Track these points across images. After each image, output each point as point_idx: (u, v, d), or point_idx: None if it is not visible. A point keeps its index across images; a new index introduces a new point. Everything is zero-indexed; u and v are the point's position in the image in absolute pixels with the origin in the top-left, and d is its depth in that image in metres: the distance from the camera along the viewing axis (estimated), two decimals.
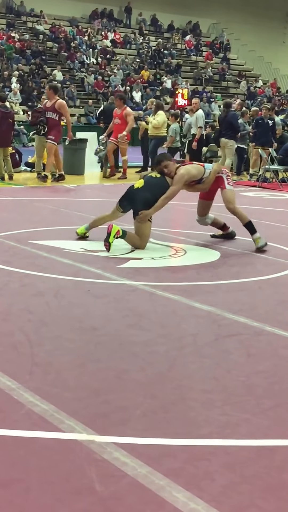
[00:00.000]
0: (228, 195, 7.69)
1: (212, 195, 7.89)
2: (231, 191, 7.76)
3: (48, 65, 32.72)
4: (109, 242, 7.02)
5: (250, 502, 2.58)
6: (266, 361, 4.13)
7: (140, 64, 36.25)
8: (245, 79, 39.84)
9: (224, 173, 7.77)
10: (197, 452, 2.97)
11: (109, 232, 7.02)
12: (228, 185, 7.72)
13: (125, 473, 2.73)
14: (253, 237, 7.54)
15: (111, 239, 7.02)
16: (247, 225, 7.61)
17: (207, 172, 7.59)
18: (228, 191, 7.70)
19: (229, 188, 7.72)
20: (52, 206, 10.48)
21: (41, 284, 5.73)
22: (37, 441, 2.99)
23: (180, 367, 3.97)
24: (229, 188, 7.72)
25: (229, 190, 7.72)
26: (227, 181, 7.72)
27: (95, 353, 4.12)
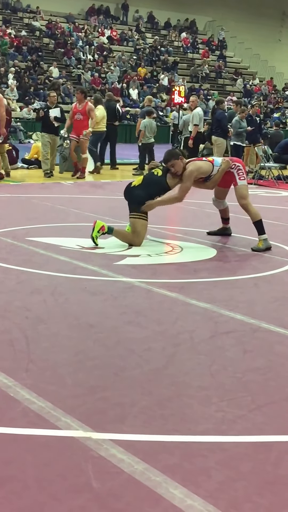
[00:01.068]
0: (241, 191, 7.57)
1: (229, 184, 7.77)
2: (244, 187, 7.60)
3: (44, 62, 32.68)
4: (92, 237, 7.08)
5: (246, 498, 2.59)
6: (262, 357, 4.15)
7: (137, 61, 36.24)
8: (242, 77, 39.85)
9: (235, 167, 7.60)
10: (193, 449, 2.97)
11: (93, 227, 7.07)
12: (240, 180, 7.56)
13: (121, 469, 2.74)
14: (259, 237, 7.48)
15: (95, 234, 7.08)
16: (257, 223, 7.52)
17: (215, 169, 7.51)
18: (240, 187, 7.57)
19: (241, 184, 7.57)
20: (49, 203, 10.48)
21: (38, 281, 5.73)
22: (34, 439, 3.00)
23: (176, 364, 3.98)
24: (241, 183, 7.57)
25: (242, 186, 7.57)
26: (239, 176, 7.56)
27: (92, 350, 4.13)
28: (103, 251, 7.01)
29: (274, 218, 10.11)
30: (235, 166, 7.63)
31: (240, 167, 7.66)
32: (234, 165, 7.65)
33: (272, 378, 3.82)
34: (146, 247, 7.37)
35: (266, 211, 10.86)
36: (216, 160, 7.68)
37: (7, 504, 2.49)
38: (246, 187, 7.66)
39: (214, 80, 39.13)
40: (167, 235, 8.21)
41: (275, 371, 3.93)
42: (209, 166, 7.51)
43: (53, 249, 6.97)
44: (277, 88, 41.26)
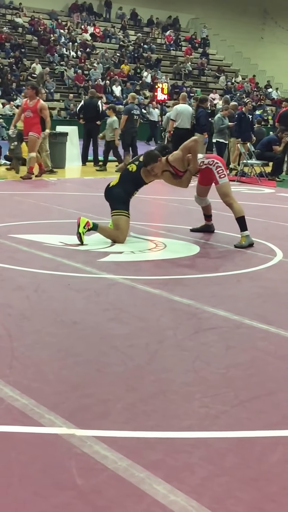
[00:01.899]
0: (223, 190, 7.58)
1: (210, 181, 7.78)
2: (225, 184, 7.59)
3: (27, 58, 32.55)
4: (79, 233, 7.08)
5: (230, 494, 2.60)
6: (245, 353, 4.16)
7: (120, 58, 36.19)
8: (224, 74, 39.93)
9: (213, 164, 7.60)
10: (177, 445, 2.98)
11: (78, 224, 7.08)
12: (221, 178, 7.57)
13: (105, 466, 2.74)
14: (242, 234, 7.49)
15: (81, 230, 7.09)
16: (240, 219, 7.53)
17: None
18: (222, 186, 7.58)
19: (222, 182, 7.57)
20: (32, 200, 10.44)
21: (21, 278, 5.71)
22: (17, 436, 2.99)
23: (160, 360, 3.98)
24: (222, 182, 7.57)
25: (223, 184, 7.58)
26: (219, 175, 7.56)
27: (75, 347, 4.12)
28: (87, 248, 7.00)
29: (257, 215, 10.15)
30: (213, 163, 7.62)
31: (219, 164, 7.66)
32: (213, 161, 7.64)
33: (255, 373, 3.83)
34: (129, 244, 7.37)
35: (248, 208, 10.89)
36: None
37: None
38: (227, 184, 7.65)
39: (197, 78, 39.17)
40: (150, 232, 8.22)
41: (258, 366, 3.95)
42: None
43: (36, 246, 6.95)
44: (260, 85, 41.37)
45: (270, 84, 41.73)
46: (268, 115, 35.31)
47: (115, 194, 7.41)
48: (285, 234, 8.67)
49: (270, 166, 16.48)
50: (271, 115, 35.91)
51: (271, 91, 40.79)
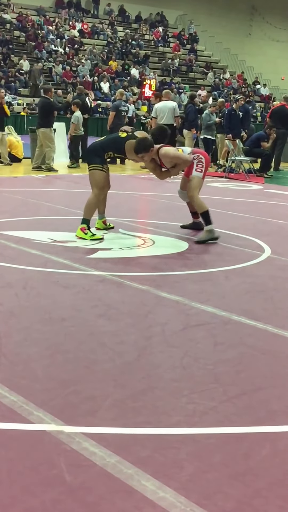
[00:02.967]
0: (192, 182, 7.61)
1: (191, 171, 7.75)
2: (196, 178, 7.61)
3: (15, 55, 32.41)
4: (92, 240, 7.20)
5: (218, 489, 2.61)
6: (233, 349, 4.18)
7: (108, 55, 36.12)
8: (212, 71, 39.94)
9: (197, 158, 7.62)
10: (165, 441, 2.99)
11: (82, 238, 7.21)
12: (196, 171, 7.60)
13: (94, 462, 2.74)
14: (205, 228, 7.52)
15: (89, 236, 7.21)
16: (203, 214, 7.53)
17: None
18: (193, 178, 7.60)
19: (195, 175, 7.60)
20: (21, 197, 10.42)
21: (9, 275, 5.70)
22: (6, 433, 2.99)
23: (148, 356, 3.99)
24: (195, 174, 7.60)
25: (194, 177, 7.60)
26: (196, 167, 7.59)
27: (63, 344, 4.12)
28: (75, 245, 7.00)
29: (245, 211, 10.18)
30: (197, 157, 7.65)
31: (202, 160, 7.66)
32: (197, 156, 7.67)
33: (243, 369, 3.85)
34: (118, 240, 7.38)
35: (237, 204, 10.93)
36: (184, 151, 7.72)
37: None
38: (198, 179, 7.64)
39: (185, 74, 39.16)
40: (139, 228, 8.22)
41: (246, 362, 3.97)
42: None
43: (25, 242, 6.94)
44: (248, 82, 41.42)
45: (258, 80, 41.77)
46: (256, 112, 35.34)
47: (93, 146, 7.49)
48: (273, 230, 8.70)
49: (259, 163, 16.51)
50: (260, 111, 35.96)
51: (259, 88, 40.84)
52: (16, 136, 16.61)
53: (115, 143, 7.42)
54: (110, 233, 7.74)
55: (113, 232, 7.78)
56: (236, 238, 7.86)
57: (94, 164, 7.37)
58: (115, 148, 7.39)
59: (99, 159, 7.35)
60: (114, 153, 7.46)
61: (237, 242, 7.59)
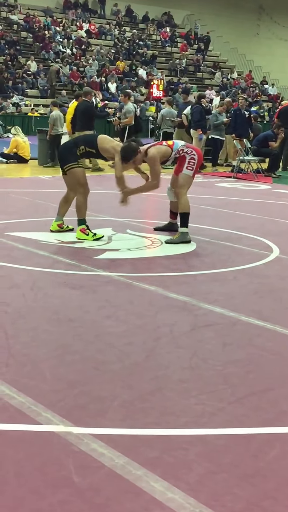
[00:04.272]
0: (181, 180, 7.52)
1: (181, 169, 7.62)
2: (186, 177, 7.49)
3: (22, 56, 32.46)
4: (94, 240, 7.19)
5: (227, 490, 2.60)
6: (242, 350, 4.16)
7: (116, 55, 36.12)
8: (220, 71, 39.89)
9: (190, 153, 7.50)
10: (174, 442, 2.98)
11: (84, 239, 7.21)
12: (187, 169, 7.48)
13: (102, 464, 2.74)
14: (180, 229, 7.44)
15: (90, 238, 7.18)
16: (183, 215, 7.46)
17: (173, 154, 7.45)
18: (183, 176, 7.49)
19: (185, 173, 7.49)
20: (28, 198, 10.43)
21: (17, 276, 5.71)
22: (14, 434, 2.99)
23: (157, 357, 3.98)
24: (185, 172, 7.48)
25: (184, 175, 7.49)
26: (187, 165, 7.46)
27: (71, 345, 4.12)
28: (83, 245, 7.00)
29: (253, 211, 10.16)
30: (190, 152, 7.51)
31: (195, 157, 7.51)
32: (191, 151, 7.53)
33: (251, 370, 3.84)
34: (125, 241, 7.37)
35: (245, 204, 10.91)
36: (176, 144, 7.59)
37: None
38: (188, 177, 7.54)
39: (193, 74, 39.12)
40: (146, 229, 8.21)
41: (255, 363, 3.95)
42: (168, 150, 7.45)
43: (32, 243, 6.94)
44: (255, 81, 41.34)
45: (266, 80, 41.69)
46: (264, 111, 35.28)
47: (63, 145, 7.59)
48: (281, 230, 8.67)
49: (267, 162, 16.47)
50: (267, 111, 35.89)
51: (267, 87, 40.76)
52: (23, 136, 16.63)
53: (87, 137, 7.51)
54: (118, 233, 7.73)
55: (121, 233, 7.77)
56: (245, 238, 7.84)
57: (69, 163, 7.28)
58: (87, 141, 7.33)
59: (72, 157, 7.27)
60: (85, 147, 7.28)
61: (245, 242, 7.57)
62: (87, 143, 7.29)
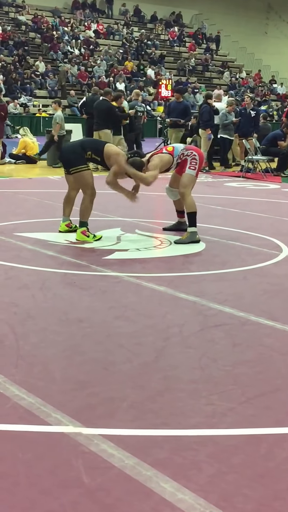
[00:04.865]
0: (184, 180, 7.50)
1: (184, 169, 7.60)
2: (189, 176, 7.48)
3: (31, 56, 32.51)
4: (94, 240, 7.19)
5: (237, 491, 2.59)
6: (251, 350, 4.15)
7: (124, 55, 36.13)
8: (228, 70, 39.83)
9: (191, 155, 7.49)
10: (184, 442, 2.97)
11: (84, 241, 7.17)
12: (189, 169, 7.47)
13: (112, 464, 2.73)
14: (188, 229, 7.42)
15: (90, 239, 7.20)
16: (190, 214, 7.45)
17: (175, 161, 7.46)
18: (186, 175, 7.48)
19: (188, 173, 7.47)
20: (37, 198, 10.45)
21: (26, 276, 5.71)
22: (24, 435, 2.99)
23: (166, 357, 3.97)
24: (188, 172, 7.47)
25: (187, 175, 7.48)
26: (189, 165, 7.46)
27: (81, 345, 4.12)
28: (92, 246, 7.00)
29: (262, 210, 10.13)
30: (191, 154, 7.51)
31: (196, 157, 7.50)
32: (191, 153, 7.53)
33: (261, 370, 3.82)
34: (135, 241, 7.37)
35: (254, 204, 10.88)
36: (176, 149, 7.57)
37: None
38: (191, 177, 7.52)
39: (201, 73, 39.07)
40: (155, 229, 8.20)
41: (265, 363, 3.94)
42: (169, 158, 7.46)
43: (41, 244, 6.95)
44: (264, 80, 41.25)
45: (274, 79, 41.58)
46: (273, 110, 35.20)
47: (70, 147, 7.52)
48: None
49: (276, 162, 16.43)
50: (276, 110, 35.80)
51: (276, 86, 40.66)
52: (31, 137, 16.65)
53: (95, 143, 7.53)
54: (126, 234, 7.73)
55: (130, 233, 7.77)
56: (254, 238, 7.82)
57: (78, 166, 7.26)
58: (94, 148, 7.32)
59: (81, 159, 7.27)
60: (92, 154, 7.29)
61: (254, 242, 7.55)
62: (94, 150, 7.30)
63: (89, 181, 7.32)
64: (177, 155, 7.48)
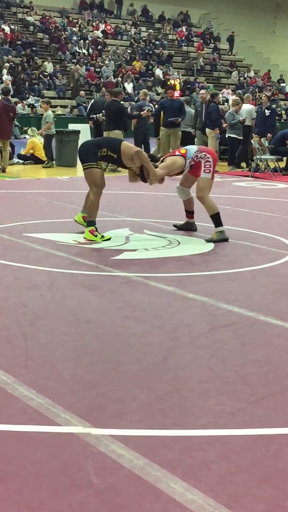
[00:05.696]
0: (200, 183, 7.53)
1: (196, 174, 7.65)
2: (205, 180, 7.52)
3: (39, 57, 32.56)
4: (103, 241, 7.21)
5: (247, 491, 2.59)
6: (260, 350, 4.14)
7: (132, 55, 36.13)
8: (237, 69, 39.76)
9: (204, 157, 7.51)
10: (193, 443, 2.97)
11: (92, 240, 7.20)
12: (204, 172, 7.50)
13: (121, 465, 2.73)
14: (216, 229, 7.45)
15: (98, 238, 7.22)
16: (214, 216, 7.48)
17: (187, 162, 7.48)
18: (201, 180, 7.52)
19: (203, 176, 7.50)
20: (45, 199, 10.46)
21: (35, 277, 5.72)
22: (33, 435, 2.99)
23: (175, 358, 3.97)
24: (203, 176, 7.50)
25: (203, 179, 7.51)
26: (204, 169, 7.48)
27: (90, 346, 4.12)
28: (100, 246, 7.00)
29: (271, 210, 10.11)
30: (204, 157, 7.52)
31: (210, 159, 7.52)
32: (204, 155, 7.53)
33: (270, 370, 3.81)
34: (143, 241, 7.37)
35: (262, 203, 10.86)
36: (189, 152, 7.58)
37: (7, 501, 2.48)
38: (207, 180, 7.55)
39: (209, 73, 39.02)
40: (164, 229, 8.20)
41: (274, 363, 3.93)
42: (182, 161, 7.49)
43: (50, 244, 6.96)
44: (272, 80, 41.15)
45: (283, 78, 41.48)
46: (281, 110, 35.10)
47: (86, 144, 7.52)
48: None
49: (284, 161, 16.39)
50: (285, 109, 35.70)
51: (284, 85, 40.56)
52: (40, 138, 16.67)
53: (112, 141, 7.58)
54: (135, 234, 7.73)
55: (139, 233, 7.77)
56: (262, 237, 7.81)
57: (88, 162, 7.28)
58: (111, 146, 7.32)
59: (92, 156, 7.28)
60: (108, 151, 7.29)
61: (263, 241, 7.54)
62: (111, 147, 7.31)
63: (96, 179, 7.32)
64: (190, 157, 7.49)
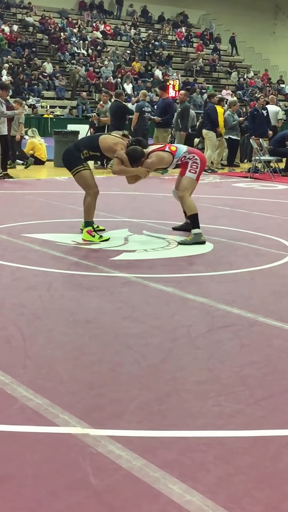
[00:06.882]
0: (184, 183, 7.50)
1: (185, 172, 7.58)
2: (189, 179, 7.47)
3: (38, 57, 32.58)
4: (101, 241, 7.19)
5: (245, 493, 2.58)
6: (260, 351, 4.14)
7: (131, 56, 36.15)
8: (236, 70, 39.78)
9: (192, 159, 7.46)
10: (191, 444, 2.97)
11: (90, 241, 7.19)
12: (189, 172, 7.45)
13: (120, 466, 2.73)
14: (192, 231, 7.39)
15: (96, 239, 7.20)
16: (192, 217, 7.44)
17: (175, 161, 7.43)
18: (186, 179, 7.47)
19: (188, 176, 7.46)
20: (44, 199, 10.46)
21: (33, 277, 5.71)
22: (31, 436, 2.99)
23: (174, 358, 3.97)
24: (188, 175, 7.45)
25: (187, 178, 7.46)
26: (190, 168, 7.44)
27: (88, 346, 4.11)
28: (99, 247, 7.00)
29: (270, 211, 10.11)
30: (192, 158, 7.47)
31: (197, 161, 7.46)
32: (193, 156, 7.48)
33: (269, 371, 3.81)
34: (142, 242, 7.36)
35: (262, 205, 10.86)
36: (179, 150, 7.51)
37: (5, 502, 2.48)
38: (191, 180, 7.50)
39: (209, 74, 39.05)
40: (163, 230, 8.19)
41: (273, 364, 3.93)
42: (170, 158, 7.41)
43: (49, 245, 6.95)
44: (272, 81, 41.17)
45: (282, 79, 41.49)
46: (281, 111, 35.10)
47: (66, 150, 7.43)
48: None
49: (284, 162, 16.40)
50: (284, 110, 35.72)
51: (284, 86, 40.57)
52: (39, 138, 16.67)
53: (89, 140, 7.53)
54: (134, 234, 7.73)
55: (137, 234, 7.77)
56: (262, 238, 7.81)
57: (75, 167, 7.23)
58: (89, 146, 7.28)
59: (76, 160, 7.23)
60: (89, 151, 7.25)
61: (262, 242, 7.54)
62: (89, 147, 7.26)
63: (88, 180, 7.30)
64: (178, 157, 7.44)
